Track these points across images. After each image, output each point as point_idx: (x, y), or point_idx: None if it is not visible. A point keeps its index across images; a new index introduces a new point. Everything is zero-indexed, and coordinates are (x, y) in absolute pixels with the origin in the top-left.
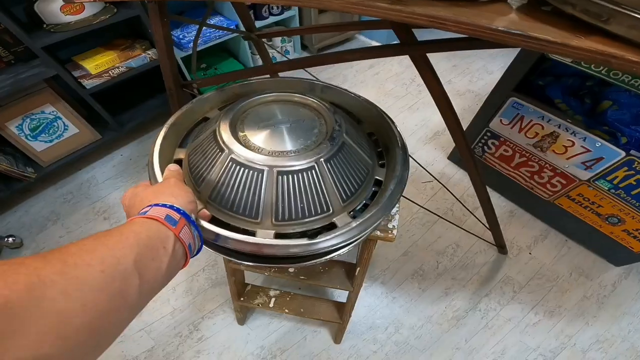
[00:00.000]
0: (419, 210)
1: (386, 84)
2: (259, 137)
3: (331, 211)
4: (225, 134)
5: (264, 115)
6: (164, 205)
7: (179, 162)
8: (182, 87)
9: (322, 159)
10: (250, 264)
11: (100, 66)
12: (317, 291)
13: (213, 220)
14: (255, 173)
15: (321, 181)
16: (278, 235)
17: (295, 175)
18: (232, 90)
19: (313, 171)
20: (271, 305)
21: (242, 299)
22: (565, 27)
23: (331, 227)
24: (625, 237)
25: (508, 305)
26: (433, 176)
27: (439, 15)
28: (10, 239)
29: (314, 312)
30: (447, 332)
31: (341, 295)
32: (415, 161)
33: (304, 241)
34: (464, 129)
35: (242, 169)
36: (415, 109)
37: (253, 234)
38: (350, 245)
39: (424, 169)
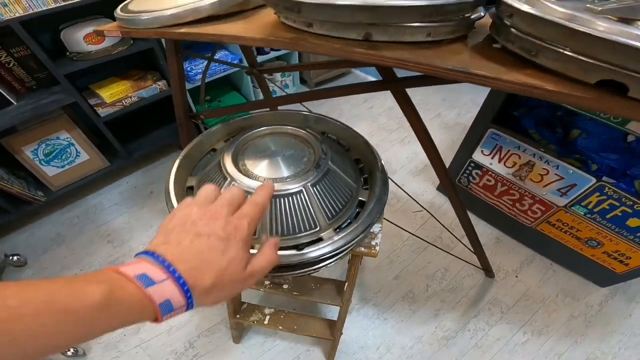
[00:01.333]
0: (409, 237)
1: (380, 118)
2: (256, 166)
3: (318, 228)
4: (228, 164)
5: (261, 146)
6: (151, 255)
7: (190, 189)
8: (190, 118)
9: (309, 184)
10: None
11: (114, 95)
12: (310, 310)
13: None
14: None
15: (308, 203)
16: None
17: (286, 198)
18: (236, 124)
19: (301, 195)
20: (266, 322)
21: (238, 316)
22: (507, 62)
23: (318, 241)
24: (606, 259)
25: (496, 326)
26: (422, 206)
27: (402, 57)
28: (15, 257)
29: (307, 329)
30: (437, 352)
31: (333, 314)
32: (405, 192)
33: (294, 252)
34: (453, 160)
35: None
36: (406, 142)
37: (252, 247)
38: (336, 258)
39: (414, 199)
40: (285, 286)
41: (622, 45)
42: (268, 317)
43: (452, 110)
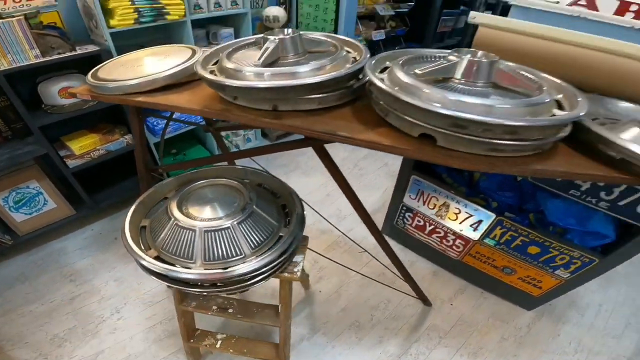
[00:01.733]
0: (355, 274)
1: None
2: (196, 210)
3: (243, 255)
4: (174, 209)
5: (202, 195)
6: None
7: (143, 228)
8: (150, 171)
9: (235, 222)
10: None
11: (84, 147)
12: (259, 335)
13: (163, 261)
14: (190, 232)
15: (235, 237)
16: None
17: (217, 232)
18: (186, 177)
19: (229, 230)
20: (218, 346)
21: (191, 340)
22: (371, 122)
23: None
24: (522, 284)
25: (436, 349)
26: (363, 247)
27: (295, 124)
28: None
29: (256, 352)
30: None
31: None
32: (346, 235)
33: (220, 270)
34: (389, 205)
35: (183, 229)
36: (355, 190)
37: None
38: (259, 278)
39: (355, 242)
40: (230, 310)
41: (425, 110)
42: (220, 341)
43: (397, 160)
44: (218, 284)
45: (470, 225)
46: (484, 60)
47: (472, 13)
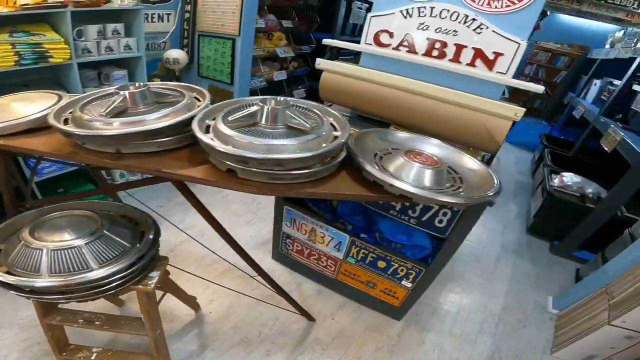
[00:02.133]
0: (246, 297)
1: (232, 205)
2: (47, 234)
3: (90, 269)
4: (25, 233)
5: (56, 223)
6: None
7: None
8: (18, 207)
9: (83, 243)
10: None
11: None
12: (139, 347)
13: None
14: (38, 251)
15: (82, 254)
16: None
17: (64, 251)
18: (47, 210)
19: (75, 249)
20: (93, 358)
21: (64, 354)
22: (197, 160)
23: None
24: (384, 296)
25: None
26: (248, 274)
27: (131, 164)
28: None
29: None
30: None
31: None
32: (237, 267)
33: (62, 278)
34: (273, 232)
35: (32, 249)
36: (252, 223)
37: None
38: (106, 287)
39: (244, 271)
40: (97, 322)
41: (215, 150)
42: (95, 354)
43: None
44: (68, 293)
45: (335, 246)
46: (278, 107)
47: (318, 60)
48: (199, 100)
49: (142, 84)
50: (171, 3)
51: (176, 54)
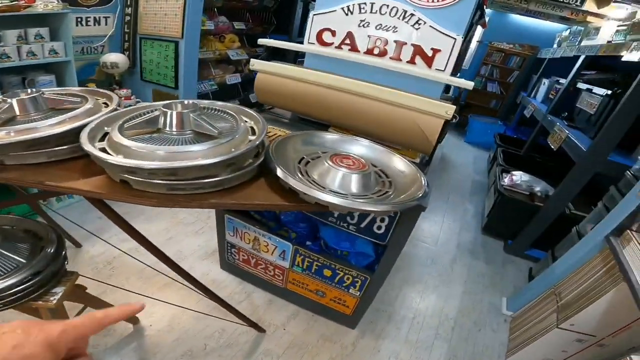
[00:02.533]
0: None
1: (179, 214)
2: None
3: None
4: None
5: None
6: None
7: None
8: None
9: None
10: None
11: None
12: None
13: None
14: None
15: None
16: None
17: None
18: None
19: None
20: None
21: None
22: (96, 172)
23: None
24: (335, 305)
25: None
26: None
27: (9, 177)
28: None
29: None
30: None
31: None
32: (178, 281)
33: None
34: (217, 242)
35: None
36: (201, 232)
37: None
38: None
39: (184, 284)
40: None
41: (101, 160)
42: None
43: None
44: None
45: (279, 255)
46: (184, 112)
47: (252, 61)
48: (107, 106)
49: (35, 89)
50: (110, 6)
51: (114, 58)
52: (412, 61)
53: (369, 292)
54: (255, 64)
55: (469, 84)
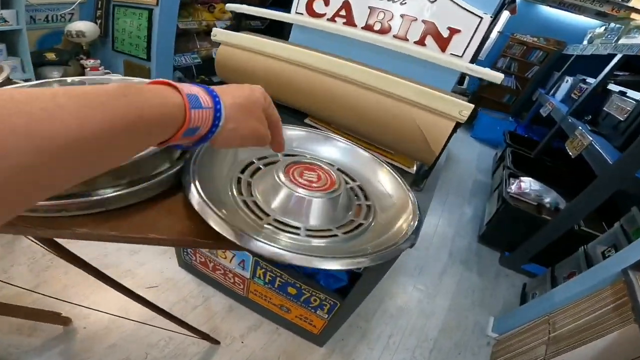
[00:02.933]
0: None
1: None
2: None
3: None
4: None
5: None
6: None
7: None
8: None
9: None
10: None
11: None
12: None
13: None
14: None
15: None
16: None
17: None
18: None
19: None
20: None
21: None
22: None
23: None
24: (301, 322)
25: None
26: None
27: None
28: None
29: None
30: None
31: None
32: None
33: None
34: None
35: None
36: None
37: None
38: None
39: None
40: None
41: None
42: None
43: None
44: None
45: (239, 264)
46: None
47: (214, 30)
48: None
49: None
50: None
51: (81, 26)
52: (421, 42)
53: (339, 317)
54: (218, 34)
55: (498, 76)
